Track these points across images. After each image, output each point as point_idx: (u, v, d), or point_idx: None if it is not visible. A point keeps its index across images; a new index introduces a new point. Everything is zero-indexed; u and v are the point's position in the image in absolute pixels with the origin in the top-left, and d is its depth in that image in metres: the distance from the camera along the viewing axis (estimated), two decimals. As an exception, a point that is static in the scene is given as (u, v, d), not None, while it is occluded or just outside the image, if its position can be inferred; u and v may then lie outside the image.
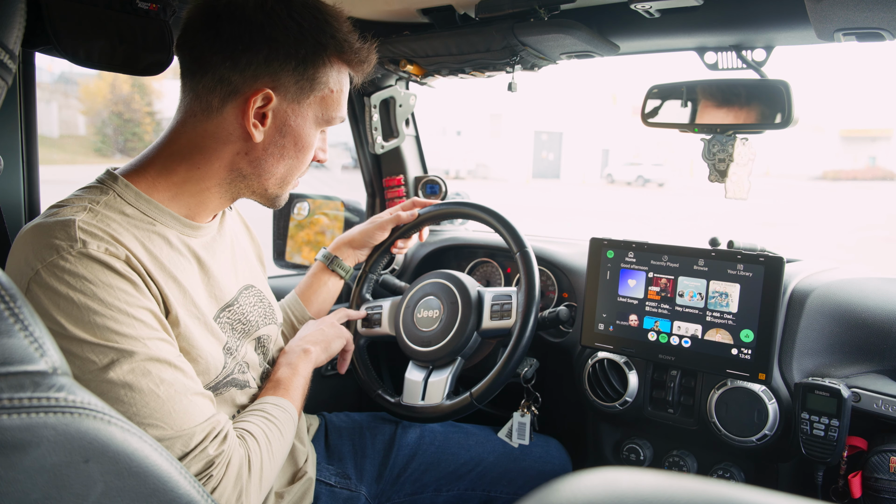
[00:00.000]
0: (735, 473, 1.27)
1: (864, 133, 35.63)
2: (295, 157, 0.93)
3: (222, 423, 0.82)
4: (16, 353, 0.37)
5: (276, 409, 0.96)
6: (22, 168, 1.20)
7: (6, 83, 0.61)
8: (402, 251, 1.43)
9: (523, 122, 29.47)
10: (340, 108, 0.95)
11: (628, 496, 0.28)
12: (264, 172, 0.92)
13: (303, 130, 0.91)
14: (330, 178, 1.09)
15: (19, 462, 0.34)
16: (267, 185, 0.93)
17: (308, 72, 0.87)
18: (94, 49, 0.92)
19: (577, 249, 1.59)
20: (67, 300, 0.72)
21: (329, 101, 0.92)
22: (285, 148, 0.91)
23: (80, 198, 0.83)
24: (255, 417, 0.92)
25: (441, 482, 1.26)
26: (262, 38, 0.83)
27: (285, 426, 0.96)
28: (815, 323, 1.20)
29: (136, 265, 0.78)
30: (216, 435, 0.80)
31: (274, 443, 0.91)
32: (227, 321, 0.95)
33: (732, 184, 1.24)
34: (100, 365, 0.73)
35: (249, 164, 0.90)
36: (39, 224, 0.77)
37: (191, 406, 0.78)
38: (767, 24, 1.09)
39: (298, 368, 1.07)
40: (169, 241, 0.87)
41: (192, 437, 0.78)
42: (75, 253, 0.74)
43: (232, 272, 1.01)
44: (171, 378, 0.77)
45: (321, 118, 0.93)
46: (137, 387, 0.74)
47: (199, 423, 0.78)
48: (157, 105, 16.19)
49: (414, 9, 1.28)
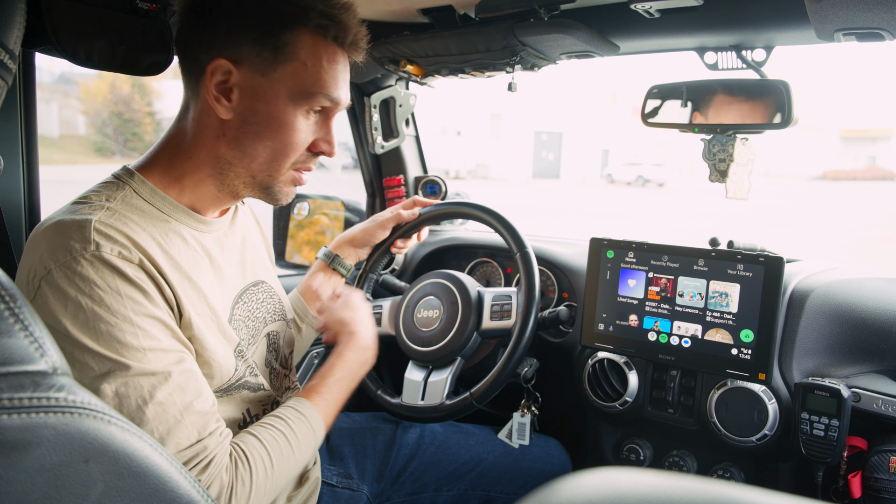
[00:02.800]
0: (735, 473, 1.27)
1: (864, 133, 35.61)
2: (274, 138, 0.87)
3: (209, 449, 0.79)
4: (16, 353, 0.37)
5: (294, 419, 0.91)
6: (22, 168, 1.20)
7: (6, 83, 0.61)
8: (402, 251, 1.43)
9: (523, 122, 29.47)
10: (323, 86, 0.87)
11: (628, 496, 0.28)
12: (245, 156, 0.88)
13: (276, 107, 0.86)
14: (330, 178, 1.10)
15: (19, 462, 0.34)
16: (253, 170, 0.89)
17: (269, 41, 0.83)
18: (94, 49, 0.92)
19: (577, 249, 1.59)
20: (75, 303, 0.72)
21: (304, 75, 0.85)
22: (259, 126, 0.86)
23: (98, 194, 0.83)
24: (264, 432, 0.88)
25: (441, 482, 1.26)
26: (224, 12, 0.83)
27: (298, 440, 0.90)
28: (815, 323, 1.20)
29: (150, 269, 0.78)
30: (197, 463, 0.78)
31: (277, 463, 0.86)
32: (240, 318, 0.95)
33: (733, 184, 1.24)
34: (97, 373, 0.73)
35: (229, 147, 0.87)
36: (58, 222, 0.77)
37: (177, 429, 0.76)
38: (767, 24, 1.09)
39: (341, 358, 1.04)
40: (184, 238, 0.88)
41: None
42: (88, 256, 0.74)
43: (240, 268, 1.01)
44: (162, 397, 0.75)
45: (298, 94, 0.86)
46: (126, 401, 0.73)
47: (180, 448, 0.77)
48: (157, 105, 16.18)
49: (414, 9, 1.28)
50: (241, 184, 0.91)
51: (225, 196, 0.94)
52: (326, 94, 0.88)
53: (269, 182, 0.91)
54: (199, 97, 0.87)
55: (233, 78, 0.84)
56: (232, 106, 0.85)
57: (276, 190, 0.93)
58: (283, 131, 0.87)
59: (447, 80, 1.57)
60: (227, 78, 0.84)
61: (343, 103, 0.92)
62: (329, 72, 0.88)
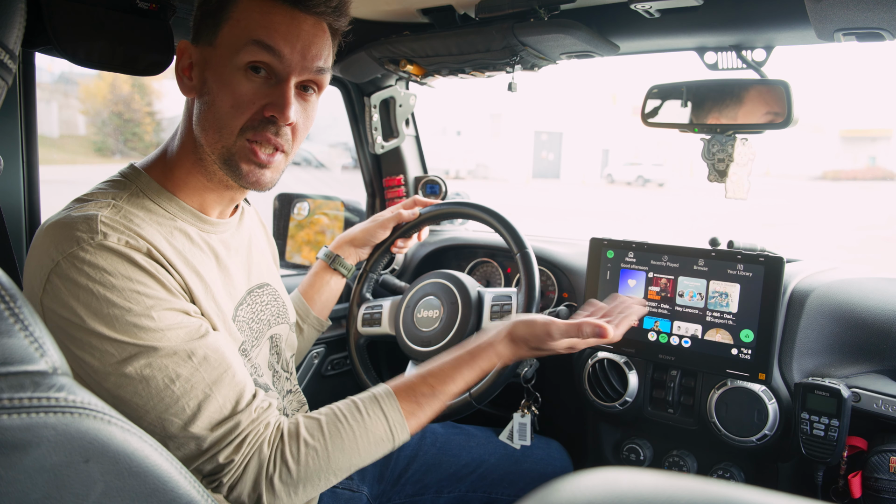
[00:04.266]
0: (735, 473, 1.27)
1: (864, 133, 35.61)
2: (219, 102, 0.84)
3: (243, 425, 0.78)
4: (16, 353, 0.37)
5: (370, 409, 0.87)
6: (22, 168, 1.19)
7: (6, 83, 0.61)
8: (402, 251, 1.43)
9: (523, 122, 29.47)
10: (254, 33, 0.82)
11: (628, 496, 0.28)
12: (204, 130, 0.86)
13: (220, 70, 0.84)
14: (330, 178, 1.10)
15: (19, 462, 0.34)
16: (210, 142, 0.86)
17: (211, 9, 0.85)
18: (94, 49, 0.92)
19: (577, 249, 1.59)
20: (87, 291, 0.72)
21: (236, 30, 0.83)
22: (211, 94, 0.85)
23: (104, 192, 0.84)
24: (330, 422, 0.84)
25: (442, 483, 1.26)
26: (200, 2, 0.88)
27: (369, 438, 0.85)
28: (815, 323, 1.19)
29: (159, 257, 0.78)
30: (230, 441, 0.77)
31: (333, 453, 0.83)
32: (244, 319, 0.95)
33: (732, 184, 1.24)
34: (118, 358, 0.73)
35: (198, 127, 0.87)
36: (62, 218, 0.77)
37: (207, 403, 0.76)
38: (767, 24, 1.09)
39: (471, 356, 0.95)
40: (190, 236, 0.88)
41: (205, 441, 0.77)
42: (95, 244, 0.74)
43: (245, 270, 1.01)
44: (187, 373, 0.76)
45: (233, 49, 0.83)
46: (153, 382, 0.74)
47: (213, 423, 0.77)
48: (157, 105, 16.18)
49: (414, 9, 1.28)
50: (213, 166, 0.88)
51: (217, 187, 0.91)
52: (257, 41, 0.82)
53: (225, 154, 0.86)
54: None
55: (192, 55, 0.87)
56: (193, 84, 0.88)
57: (233, 164, 0.86)
58: (224, 92, 0.84)
59: (447, 80, 1.57)
60: (190, 58, 0.87)
61: (288, 58, 0.84)
62: (260, 21, 0.83)
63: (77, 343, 0.73)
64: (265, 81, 0.85)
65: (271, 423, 0.82)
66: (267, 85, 0.85)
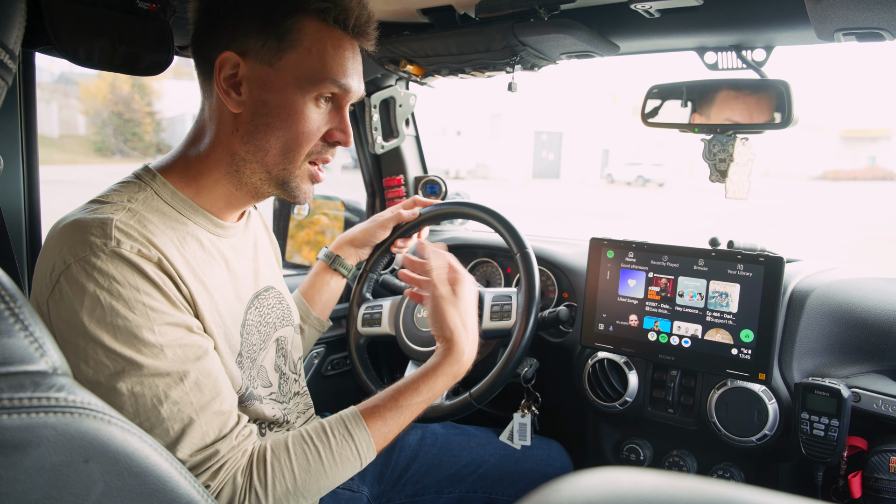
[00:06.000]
0: (735, 473, 1.27)
1: (864, 133, 35.61)
2: (285, 129, 0.86)
3: (221, 453, 0.78)
4: (16, 353, 0.37)
5: (338, 439, 0.87)
6: (22, 168, 1.19)
7: (6, 83, 0.61)
8: (402, 251, 1.43)
9: (523, 122, 29.47)
10: (329, 71, 0.86)
11: (628, 496, 0.28)
12: (258, 150, 0.87)
13: (285, 96, 0.85)
14: (330, 178, 1.09)
15: (19, 462, 0.34)
16: (267, 164, 0.88)
17: (273, 30, 0.83)
18: (94, 49, 0.92)
19: (577, 249, 1.59)
20: (93, 298, 0.73)
21: (309, 61, 0.85)
22: (270, 117, 0.85)
23: (119, 194, 0.83)
24: (298, 446, 0.84)
25: (442, 484, 1.26)
26: (230, 6, 0.84)
27: (335, 462, 0.86)
28: (815, 323, 1.19)
29: (168, 268, 0.78)
30: (208, 467, 0.78)
31: (302, 481, 0.83)
32: (253, 323, 0.95)
33: (733, 184, 1.24)
34: (112, 371, 0.73)
35: (243, 142, 0.87)
36: (78, 219, 0.77)
37: (192, 428, 0.76)
38: (767, 24, 1.09)
39: (433, 377, 0.97)
40: (201, 242, 0.88)
41: (183, 465, 0.77)
42: (108, 251, 0.74)
43: (252, 273, 1.01)
44: (177, 396, 0.75)
45: (305, 81, 0.85)
46: (142, 400, 0.74)
47: (194, 450, 0.77)
48: (157, 105, 16.18)
49: (414, 9, 1.28)
50: (258, 180, 0.90)
51: (244, 195, 0.92)
52: (333, 80, 0.87)
53: (285, 176, 0.90)
54: (213, 95, 0.87)
55: (241, 70, 0.84)
56: (242, 99, 0.85)
57: (293, 185, 0.91)
58: (294, 120, 0.86)
59: (447, 80, 1.57)
60: (235, 71, 0.85)
61: (354, 91, 0.90)
62: (335, 57, 0.87)
63: (74, 349, 0.73)
64: (329, 108, 0.90)
65: (248, 450, 0.82)
66: (329, 110, 0.90)
